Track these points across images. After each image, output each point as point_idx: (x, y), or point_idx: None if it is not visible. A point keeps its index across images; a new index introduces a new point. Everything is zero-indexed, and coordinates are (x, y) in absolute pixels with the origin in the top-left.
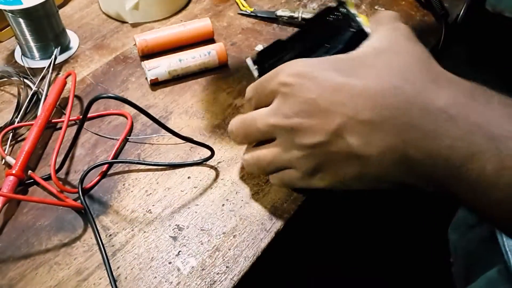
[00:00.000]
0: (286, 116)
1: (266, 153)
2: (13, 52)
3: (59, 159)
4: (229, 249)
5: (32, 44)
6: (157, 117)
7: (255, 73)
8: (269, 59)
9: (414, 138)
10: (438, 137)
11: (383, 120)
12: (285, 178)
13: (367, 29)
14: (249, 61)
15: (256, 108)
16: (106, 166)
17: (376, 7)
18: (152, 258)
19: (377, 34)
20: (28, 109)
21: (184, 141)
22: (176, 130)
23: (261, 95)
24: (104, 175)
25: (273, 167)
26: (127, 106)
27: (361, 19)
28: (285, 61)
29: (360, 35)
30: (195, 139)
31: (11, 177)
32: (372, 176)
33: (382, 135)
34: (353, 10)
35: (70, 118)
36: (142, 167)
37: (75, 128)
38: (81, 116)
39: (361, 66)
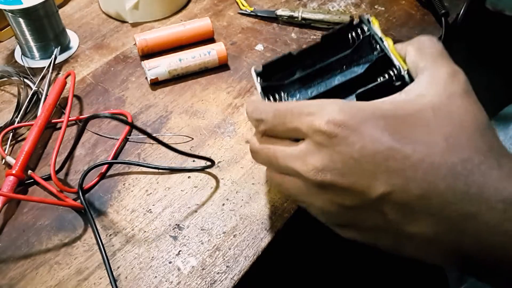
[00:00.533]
0: (316, 168)
1: (289, 184)
2: (13, 52)
3: (59, 159)
4: (230, 249)
5: (32, 44)
6: (157, 117)
7: (258, 88)
8: (275, 73)
9: (472, 230)
10: (502, 232)
11: (433, 203)
12: (306, 208)
13: (392, 56)
14: (253, 73)
15: (265, 133)
16: (106, 166)
17: (376, 6)
18: (152, 257)
19: (431, 78)
20: (28, 109)
21: (184, 142)
22: (176, 129)
23: (280, 126)
24: (104, 175)
25: (294, 199)
26: (127, 105)
27: (387, 42)
28: (292, 78)
29: (384, 62)
30: (195, 138)
31: (11, 177)
32: (406, 252)
33: (432, 219)
34: (378, 30)
35: (70, 118)
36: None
37: (75, 128)
38: (80, 116)
39: (414, 126)
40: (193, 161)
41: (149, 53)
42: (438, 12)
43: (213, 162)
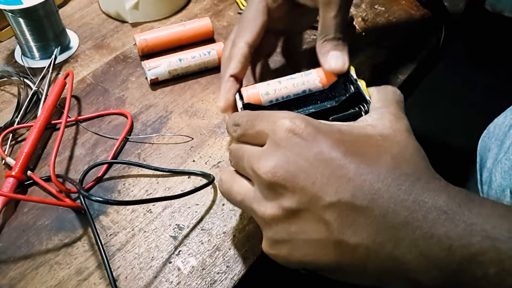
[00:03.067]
0: (270, 167)
1: (240, 187)
2: (13, 52)
3: (59, 159)
4: (230, 249)
5: (32, 43)
6: (157, 117)
7: (239, 105)
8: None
9: (409, 238)
10: (436, 238)
11: (375, 212)
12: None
13: (364, 93)
14: (236, 96)
15: (239, 138)
16: (106, 165)
17: (376, 6)
18: (152, 257)
19: (381, 116)
20: (28, 109)
21: (184, 141)
22: (176, 129)
23: (250, 129)
24: (104, 175)
25: (239, 205)
26: (127, 105)
27: (360, 83)
28: (271, 103)
29: (356, 97)
30: (195, 138)
31: (11, 179)
32: (350, 270)
33: (371, 227)
34: (353, 73)
35: (68, 119)
36: None
37: (75, 128)
38: (79, 117)
39: (366, 145)
40: (193, 161)
41: (149, 53)
42: (438, 12)
43: (212, 178)
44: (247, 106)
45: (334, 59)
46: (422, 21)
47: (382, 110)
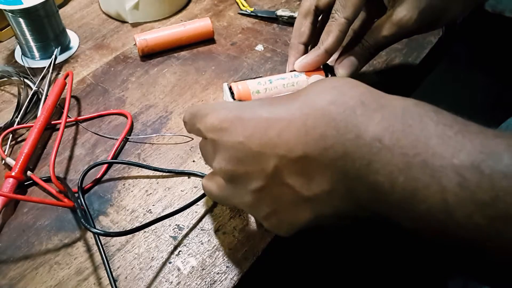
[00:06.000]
0: (219, 164)
1: (213, 187)
2: (13, 52)
3: (59, 159)
4: (229, 249)
5: (32, 44)
6: (157, 117)
7: (230, 101)
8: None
9: (353, 169)
10: (376, 170)
11: (318, 153)
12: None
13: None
14: (225, 87)
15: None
16: (105, 166)
17: None
18: (152, 258)
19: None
20: (28, 109)
21: (184, 142)
22: (176, 130)
23: (192, 128)
24: (104, 175)
25: (226, 204)
26: (127, 105)
27: None
28: None
29: None
30: (195, 138)
31: (11, 179)
32: (329, 216)
33: (321, 170)
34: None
35: (68, 120)
36: None
37: (75, 128)
38: (79, 117)
39: (287, 99)
40: (193, 161)
41: (149, 53)
42: None
43: None
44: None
45: (350, 64)
46: None
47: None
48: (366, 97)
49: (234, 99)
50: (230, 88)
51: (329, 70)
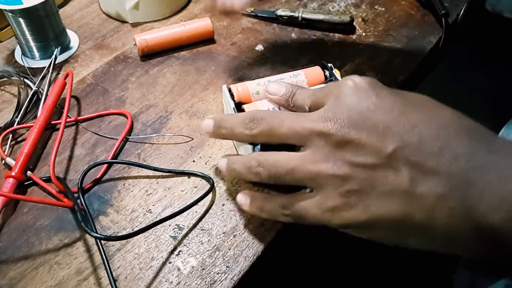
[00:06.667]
0: (339, 124)
1: (288, 157)
2: (13, 51)
3: (59, 159)
4: (229, 249)
5: (32, 43)
6: (157, 117)
7: (231, 104)
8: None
9: (482, 181)
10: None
11: (445, 157)
12: (294, 203)
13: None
14: (224, 89)
15: (252, 133)
16: (105, 165)
17: (376, 7)
18: (152, 258)
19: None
20: (28, 109)
21: (184, 142)
22: (176, 130)
23: (297, 99)
24: (103, 175)
25: (289, 179)
26: (127, 105)
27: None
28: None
29: None
30: (195, 138)
31: (11, 179)
32: (416, 223)
33: (443, 174)
34: (339, 77)
35: (68, 119)
36: None
37: (75, 128)
38: (79, 117)
39: (414, 98)
40: (193, 161)
41: (149, 53)
42: (438, 13)
43: (212, 184)
44: (239, 105)
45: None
46: (422, 21)
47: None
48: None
49: (234, 100)
50: (230, 90)
51: (325, 68)
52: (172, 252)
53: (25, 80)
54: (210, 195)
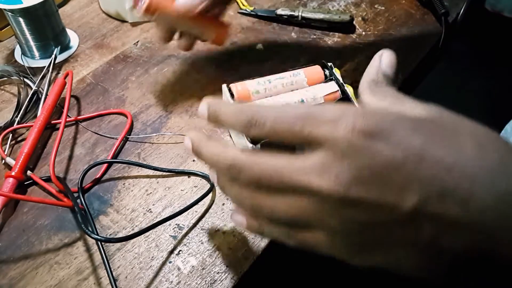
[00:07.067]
0: (341, 182)
1: (289, 205)
2: (13, 51)
3: (59, 159)
4: (229, 249)
5: (32, 43)
6: (157, 116)
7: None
8: None
9: (510, 235)
10: None
11: (473, 208)
12: (304, 239)
13: (353, 99)
14: (224, 89)
15: (257, 137)
16: (105, 165)
17: (376, 6)
18: (152, 257)
19: (401, 101)
20: (28, 109)
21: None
22: (176, 129)
23: (286, 133)
24: (103, 174)
25: (287, 220)
26: (127, 105)
27: (348, 89)
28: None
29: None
30: None
31: (11, 179)
32: (435, 272)
33: (470, 228)
34: (339, 77)
35: (68, 119)
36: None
37: (74, 127)
38: (79, 117)
39: (438, 129)
40: (193, 160)
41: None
42: (438, 12)
43: (212, 184)
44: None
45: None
46: (422, 20)
47: (391, 98)
48: None
49: (234, 100)
50: (230, 89)
51: (325, 67)
52: (172, 251)
53: (25, 79)
54: (210, 194)
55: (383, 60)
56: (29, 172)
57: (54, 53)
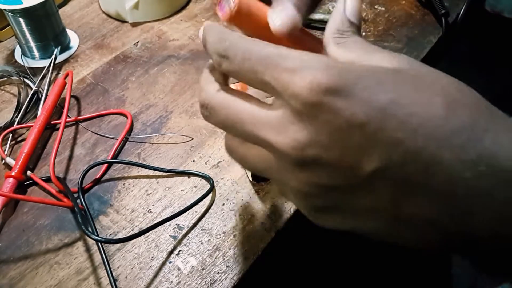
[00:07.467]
0: (297, 142)
1: (256, 157)
2: (13, 51)
3: (59, 159)
4: (229, 249)
5: (32, 43)
6: (157, 117)
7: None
8: None
9: (484, 208)
10: None
11: (439, 175)
12: (280, 190)
13: None
14: None
15: (226, 75)
16: (105, 165)
17: (376, 6)
18: (152, 257)
19: (379, 55)
20: (28, 109)
21: (184, 141)
22: (176, 129)
23: (249, 74)
24: (103, 174)
25: (257, 171)
26: (127, 105)
27: None
28: None
29: None
30: (195, 138)
31: (11, 179)
32: (401, 238)
33: (435, 196)
34: None
35: (68, 119)
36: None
37: (74, 127)
38: (79, 117)
39: (405, 84)
40: (193, 160)
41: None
42: (438, 12)
43: (212, 184)
44: None
45: (286, 16)
46: (422, 21)
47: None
48: (489, 110)
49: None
50: None
51: None
52: (172, 251)
53: (25, 80)
54: (210, 195)
55: (347, 7)
56: (29, 172)
57: (54, 53)
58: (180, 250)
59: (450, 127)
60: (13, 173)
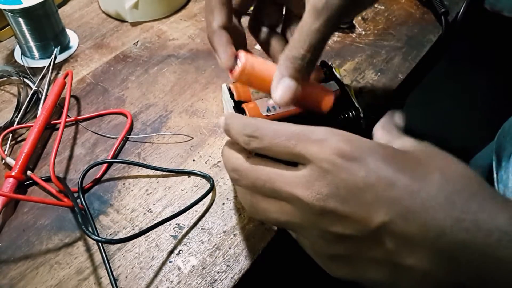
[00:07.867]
0: (320, 194)
1: (279, 210)
2: (13, 51)
3: (59, 159)
4: (230, 248)
5: (31, 43)
6: (157, 116)
7: (230, 103)
8: None
9: (468, 261)
10: (498, 261)
11: (430, 234)
12: (298, 239)
13: (354, 99)
14: (224, 88)
15: (254, 151)
16: (105, 165)
17: (375, 5)
18: (152, 257)
19: (400, 137)
20: (28, 109)
21: (184, 141)
22: (176, 129)
23: (280, 148)
24: (103, 174)
25: (279, 224)
26: (127, 105)
27: (348, 89)
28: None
29: (345, 103)
30: (195, 138)
31: (11, 179)
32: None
33: (429, 249)
34: (339, 76)
35: (68, 119)
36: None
37: (74, 127)
38: (79, 117)
39: (409, 160)
40: (193, 160)
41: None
42: (438, 11)
43: (212, 184)
44: (239, 104)
45: (284, 90)
46: (422, 20)
47: (393, 133)
48: (480, 182)
49: (233, 99)
50: (230, 89)
51: (325, 66)
52: (172, 251)
53: (25, 79)
54: (210, 194)
55: (396, 116)
56: (29, 172)
57: (54, 53)
58: (180, 250)
59: (444, 194)
60: (13, 173)
